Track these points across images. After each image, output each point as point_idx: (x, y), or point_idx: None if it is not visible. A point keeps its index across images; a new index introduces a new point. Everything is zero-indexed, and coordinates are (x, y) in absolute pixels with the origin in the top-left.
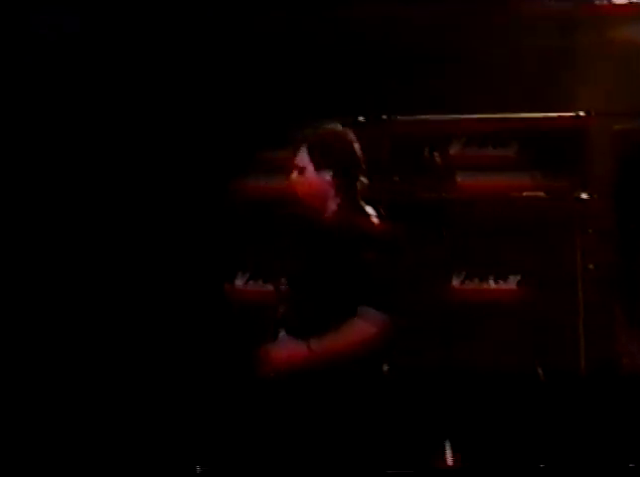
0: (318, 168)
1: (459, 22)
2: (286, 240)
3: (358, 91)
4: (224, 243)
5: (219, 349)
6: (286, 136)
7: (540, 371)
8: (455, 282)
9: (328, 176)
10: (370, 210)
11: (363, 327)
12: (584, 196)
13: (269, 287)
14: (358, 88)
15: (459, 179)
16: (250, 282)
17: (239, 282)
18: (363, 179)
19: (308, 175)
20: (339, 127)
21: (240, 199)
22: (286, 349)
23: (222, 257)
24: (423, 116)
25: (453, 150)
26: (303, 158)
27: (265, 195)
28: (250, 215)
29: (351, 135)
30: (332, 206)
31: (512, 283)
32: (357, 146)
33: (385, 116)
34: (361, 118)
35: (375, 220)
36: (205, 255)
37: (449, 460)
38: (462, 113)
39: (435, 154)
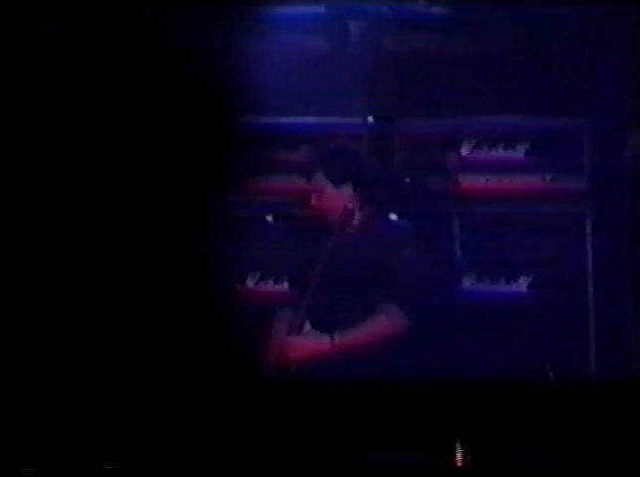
0: (336, 184)
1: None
2: (306, 240)
3: (367, 93)
4: (234, 244)
5: (229, 350)
6: (299, 134)
7: (550, 373)
8: (466, 283)
9: (348, 190)
10: (393, 216)
11: (386, 323)
12: (596, 197)
13: (280, 288)
14: (367, 90)
15: (470, 181)
16: (261, 283)
17: (249, 283)
18: (380, 187)
19: (328, 194)
20: (347, 140)
21: (253, 198)
22: (311, 342)
23: (232, 258)
24: (434, 118)
25: (464, 152)
26: (319, 179)
27: (279, 194)
28: (262, 214)
29: (361, 145)
30: (357, 217)
31: (523, 285)
32: (368, 156)
33: (394, 118)
34: (370, 120)
35: (400, 225)
36: (215, 256)
37: (459, 461)
38: (473, 115)
39: (446, 156)
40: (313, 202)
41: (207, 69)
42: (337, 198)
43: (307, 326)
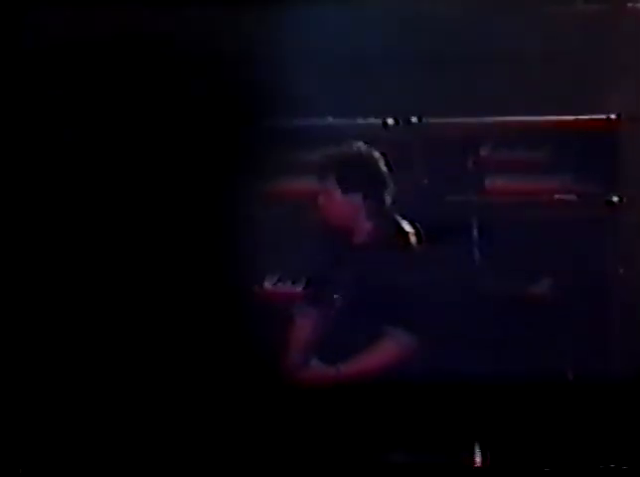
0: (346, 191)
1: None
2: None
3: (386, 94)
4: (253, 244)
5: (246, 349)
6: (317, 135)
7: (569, 374)
8: (487, 285)
9: (358, 198)
10: (407, 226)
11: (391, 348)
12: (615, 199)
13: (298, 289)
14: (386, 91)
15: (489, 182)
16: (279, 284)
17: (267, 284)
18: (391, 197)
19: (337, 199)
20: (363, 146)
21: (271, 200)
22: (316, 374)
23: (250, 258)
24: (453, 119)
25: (483, 153)
26: (330, 182)
27: (297, 196)
28: (281, 216)
29: (376, 153)
30: (365, 227)
31: (543, 286)
32: (382, 164)
33: (414, 119)
34: (390, 121)
35: (413, 237)
36: (233, 256)
37: (478, 461)
38: (493, 116)
39: (465, 157)
40: (321, 205)
41: (223, 71)
42: (345, 205)
43: (314, 360)
